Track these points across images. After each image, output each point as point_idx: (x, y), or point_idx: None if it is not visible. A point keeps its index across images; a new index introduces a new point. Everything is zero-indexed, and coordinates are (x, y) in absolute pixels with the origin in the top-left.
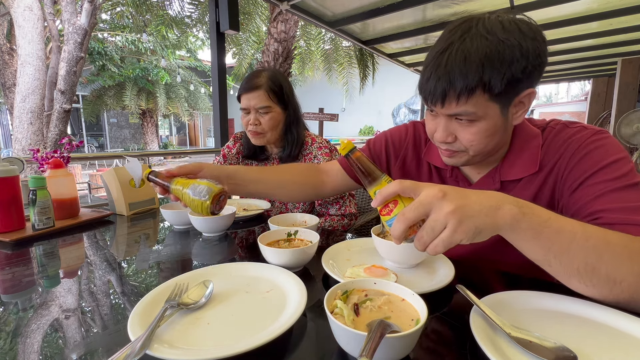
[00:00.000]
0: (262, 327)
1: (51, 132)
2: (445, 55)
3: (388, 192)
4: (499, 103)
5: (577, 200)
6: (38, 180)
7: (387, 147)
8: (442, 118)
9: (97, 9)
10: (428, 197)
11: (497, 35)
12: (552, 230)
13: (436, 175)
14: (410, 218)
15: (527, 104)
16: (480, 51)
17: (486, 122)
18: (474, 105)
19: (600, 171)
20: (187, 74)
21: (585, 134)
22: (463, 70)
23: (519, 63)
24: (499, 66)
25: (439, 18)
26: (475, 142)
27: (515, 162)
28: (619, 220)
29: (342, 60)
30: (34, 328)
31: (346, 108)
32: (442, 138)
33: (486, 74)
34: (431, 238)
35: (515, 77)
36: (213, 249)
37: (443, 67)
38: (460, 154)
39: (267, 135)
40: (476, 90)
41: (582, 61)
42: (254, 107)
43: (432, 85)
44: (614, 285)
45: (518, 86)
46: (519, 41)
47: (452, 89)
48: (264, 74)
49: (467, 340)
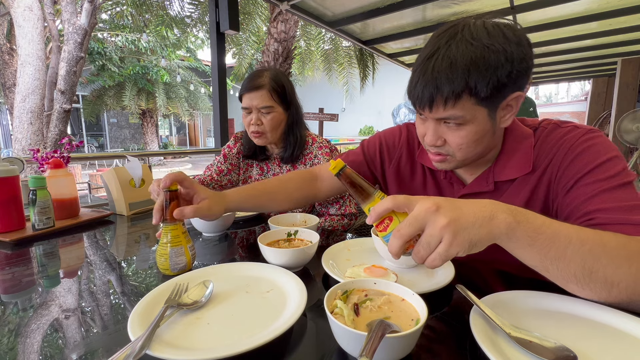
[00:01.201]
0: (262, 327)
1: (51, 132)
2: (432, 60)
3: (382, 209)
4: (486, 107)
5: (572, 201)
6: (38, 180)
7: (381, 150)
8: (431, 122)
9: (97, 9)
10: (422, 212)
11: (482, 41)
12: (546, 236)
13: (430, 177)
14: (405, 234)
15: (514, 107)
16: (466, 57)
17: (474, 126)
18: (461, 110)
19: (593, 171)
20: (187, 73)
21: (577, 133)
22: (449, 76)
23: (503, 68)
24: (484, 71)
25: (439, 18)
26: (463, 146)
27: (508, 162)
28: (614, 220)
29: (342, 60)
30: (34, 328)
31: (346, 108)
32: (431, 141)
33: (472, 79)
34: (428, 253)
35: (501, 81)
36: (213, 249)
37: (430, 72)
38: (449, 159)
39: (269, 136)
40: (462, 95)
41: (582, 61)
42: (256, 106)
43: (419, 91)
44: (612, 287)
45: (504, 90)
46: (504, 46)
47: (439, 94)
48: (266, 74)
49: (467, 340)
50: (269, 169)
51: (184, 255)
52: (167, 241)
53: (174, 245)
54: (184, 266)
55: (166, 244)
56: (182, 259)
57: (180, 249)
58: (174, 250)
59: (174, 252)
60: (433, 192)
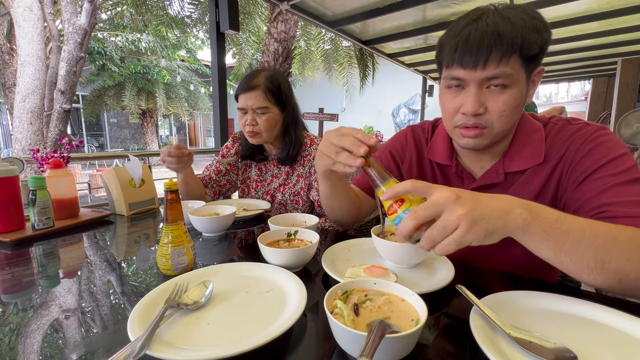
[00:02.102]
0: (262, 327)
1: (51, 132)
2: (482, 20)
3: (401, 189)
4: (526, 72)
5: (583, 195)
6: (38, 180)
7: (393, 158)
8: (471, 88)
9: (97, 9)
10: (441, 199)
11: (518, 14)
12: (561, 231)
13: (439, 172)
14: (422, 216)
15: (536, 83)
16: (517, 18)
17: (517, 90)
18: (512, 68)
19: (605, 166)
20: (187, 73)
21: (589, 129)
22: (508, 29)
23: (544, 34)
24: (534, 32)
25: (439, 18)
26: (505, 112)
27: (519, 154)
28: (625, 214)
29: (342, 60)
30: (34, 328)
31: (346, 108)
32: (474, 108)
33: (526, 36)
34: (442, 237)
35: (543, 44)
36: (213, 249)
37: (485, 26)
38: (486, 132)
39: (264, 136)
40: (519, 49)
41: (582, 61)
42: (251, 107)
43: (474, 47)
44: (622, 277)
45: (540, 56)
46: (538, 17)
47: (496, 48)
48: (262, 74)
49: (467, 340)
50: (267, 170)
51: (186, 255)
52: (168, 241)
53: (176, 245)
54: (186, 266)
55: (167, 244)
56: (184, 258)
57: (182, 249)
58: (176, 250)
59: (176, 252)
60: None
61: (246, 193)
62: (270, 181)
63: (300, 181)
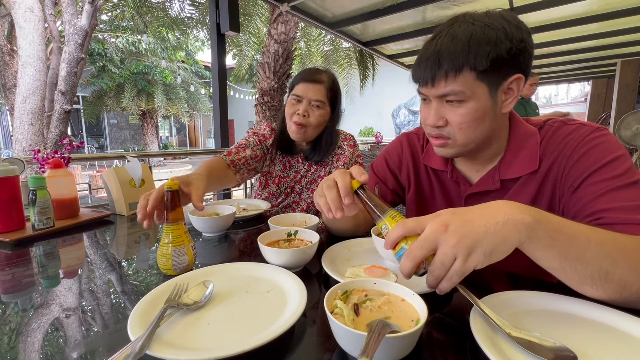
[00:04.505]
0: (262, 327)
1: (51, 132)
2: (435, 40)
3: (394, 237)
4: (486, 84)
5: (579, 200)
6: (38, 180)
7: (389, 166)
8: (433, 102)
9: (97, 10)
10: (432, 234)
11: (483, 21)
12: (567, 237)
13: (435, 178)
14: (418, 256)
15: (515, 91)
16: (467, 33)
17: (475, 103)
18: (462, 84)
19: (600, 170)
20: (187, 75)
21: (583, 131)
22: (450, 49)
23: (503, 44)
24: (484, 45)
25: (439, 19)
26: (464, 125)
27: (514, 160)
28: (620, 220)
29: (342, 61)
30: (35, 327)
31: (346, 109)
32: (433, 121)
33: (472, 52)
34: (444, 271)
35: (500, 56)
36: (213, 249)
37: (432, 49)
38: (450, 143)
39: (309, 130)
40: (463, 68)
41: (582, 62)
42: (310, 98)
43: (422, 67)
44: (624, 289)
45: (504, 68)
46: (503, 25)
47: (441, 67)
48: (326, 73)
49: (467, 340)
50: (292, 166)
51: (186, 254)
52: (169, 241)
53: (177, 245)
54: (186, 266)
55: (168, 244)
56: (184, 258)
57: (183, 249)
58: (177, 250)
59: (177, 252)
60: (440, 193)
61: (263, 185)
62: (293, 177)
63: (322, 178)
